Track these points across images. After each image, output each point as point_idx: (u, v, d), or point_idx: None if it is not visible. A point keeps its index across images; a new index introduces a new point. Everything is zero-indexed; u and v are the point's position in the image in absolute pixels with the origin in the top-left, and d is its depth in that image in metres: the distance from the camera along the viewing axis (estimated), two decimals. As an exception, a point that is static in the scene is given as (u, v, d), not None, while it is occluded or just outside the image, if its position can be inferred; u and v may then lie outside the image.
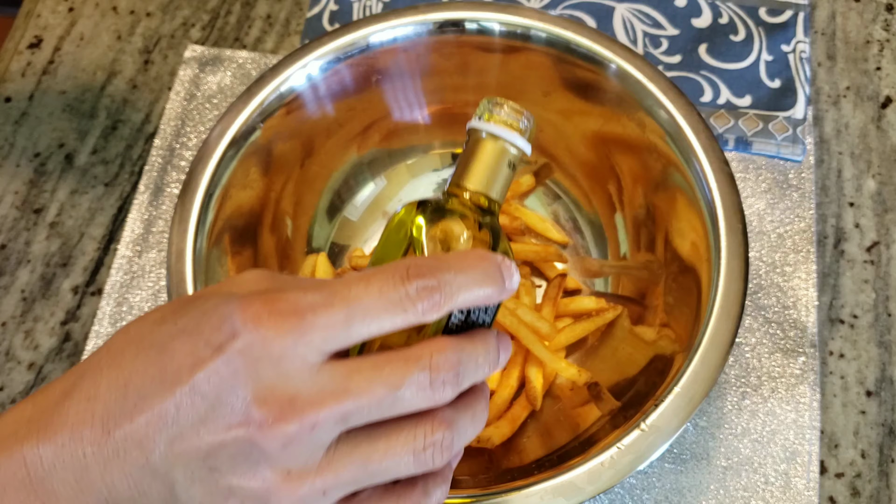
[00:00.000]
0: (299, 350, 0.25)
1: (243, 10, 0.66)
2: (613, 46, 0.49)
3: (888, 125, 0.60)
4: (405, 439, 0.26)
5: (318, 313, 0.25)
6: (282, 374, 0.25)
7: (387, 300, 0.25)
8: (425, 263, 0.26)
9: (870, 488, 0.49)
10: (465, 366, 0.27)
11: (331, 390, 0.25)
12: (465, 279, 0.26)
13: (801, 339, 0.52)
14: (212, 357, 0.25)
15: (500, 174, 0.31)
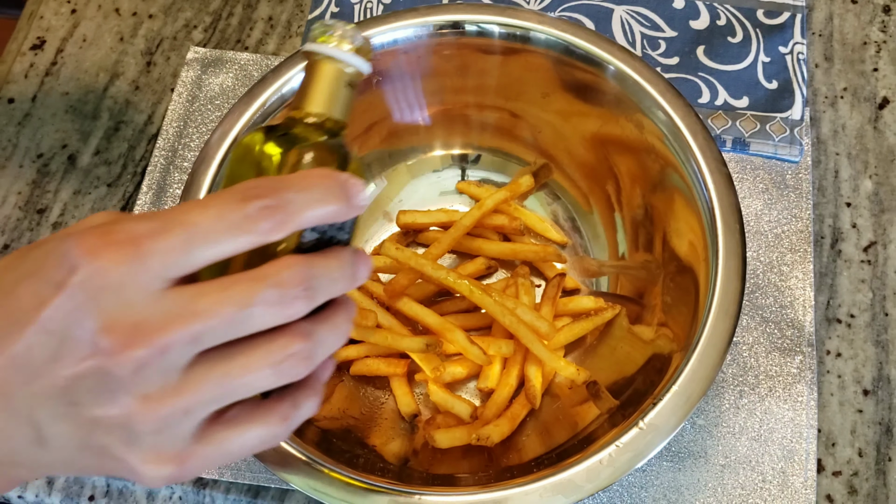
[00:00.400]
0: (140, 277, 0.25)
1: (245, 12, 0.67)
2: (612, 48, 0.49)
3: (885, 126, 0.60)
4: (262, 353, 0.26)
5: (155, 240, 0.25)
6: (125, 303, 0.25)
7: (227, 222, 0.25)
8: (264, 184, 0.26)
9: (867, 486, 0.50)
10: (317, 280, 0.27)
11: (177, 313, 0.25)
12: (307, 197, 0.26)
13: (798, 339, 0.53)
14: (54, 294, 0.25)
15: (339, 94, 0.31)
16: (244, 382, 0.26)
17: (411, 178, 0.59)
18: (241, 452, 0.28)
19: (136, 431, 0.26)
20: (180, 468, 0.27)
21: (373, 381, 0.52)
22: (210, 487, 0.51)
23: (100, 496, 0.51)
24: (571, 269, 0.55)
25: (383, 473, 0.43)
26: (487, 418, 0.48)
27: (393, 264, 0.52)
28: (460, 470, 0.47)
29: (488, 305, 0.47)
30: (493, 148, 0.58)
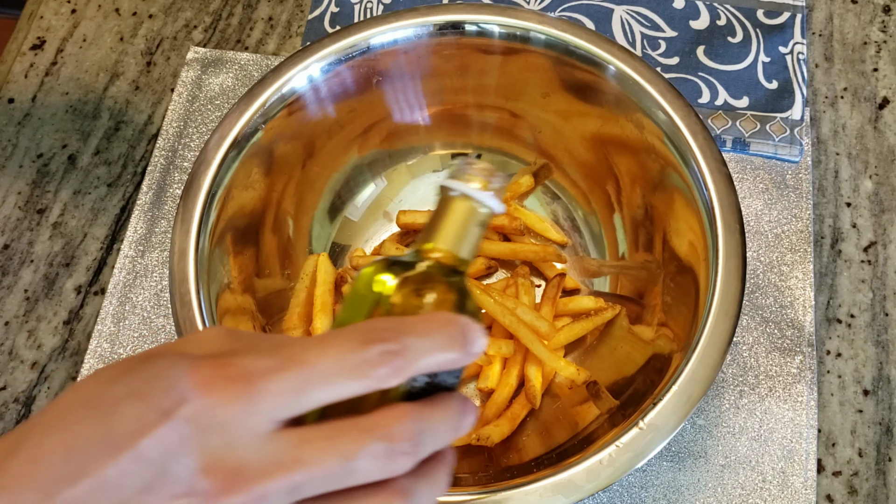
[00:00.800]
0: (249, 419, 0.24)
1: (245, 12, 0.67)
2: (612, 48, 0.49)
3: (885, 126, 0.60)
4: None
5: (269, 379, 0.24)
6: (230, 443, 0.24)
7: (345, 365, 0.24)
8: (386, 327, 0.25)
9: (867, 486, 0.50)
10: (424, 434, 0.26)
11: (280, 460, 0.24)
12: (428, 344, 0.26)
13: (798, 339, 0.53)
14: (158, 422, 0.24)
15: (469, 233, 0.31)
16: None
17: (412, 178, 0.59)
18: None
19: None
20: None
21: (373, 381, 0.52)
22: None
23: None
24: (571, 269, 0.55)
25: (383, 473, 0.43)
26: (487, 418, 0.48)
27: (393, 264, 0.52)
28: (460, 470, 0.47)
29: (488, 305, 0.47)
30: (493, 148, 0.58)
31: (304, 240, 0.55)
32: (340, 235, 0.57)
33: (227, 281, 0.48)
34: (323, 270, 0.52)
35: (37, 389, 0.54)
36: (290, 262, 0.53)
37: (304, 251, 0.54)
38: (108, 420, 0.25)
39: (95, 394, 0.26)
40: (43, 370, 0.54)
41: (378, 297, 0.29)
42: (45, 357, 0.55)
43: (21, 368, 0.54)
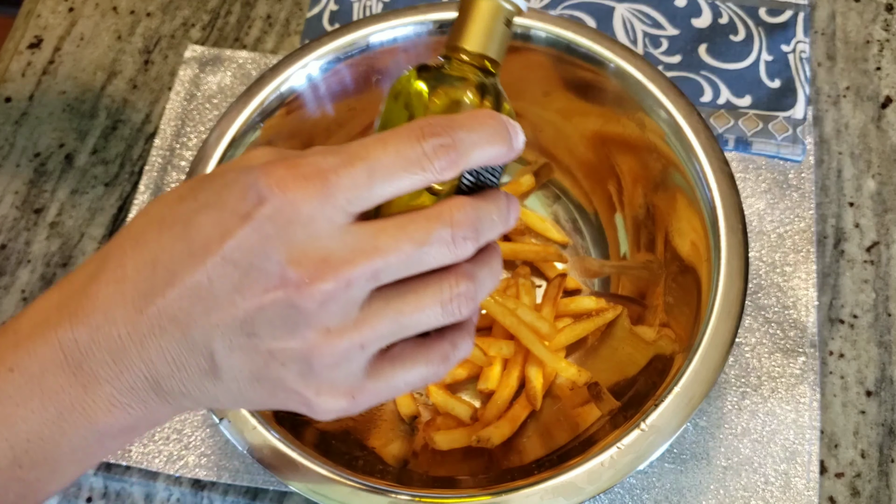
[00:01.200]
0: (327, 211, 0.25)
1: (243, 10, 0.66)
2: (613, 46, 0.49)
3: (888, 125, 0.60)
4: (433, 292, 0.27)
5: (340, 174, 0.25)
6: (312, 236, 0.25)
7: (405, 159, 0.25)
8: (439, 122, 0.26)
9: (870, 488, 0.50)
10: (482, 222, 0.27)
11: (361, 248, 0.25)
12: (478, 137, 0.27)
13: (800, 339, 0.52)
14: (240, 225, 0.25)
15: (496, 32, 0.30)
16: (415, 320, 0.27)
17: (411, 178, 0.58)
18: (405, 389, 0.28)
19: (313, 365, 0.26)
20: (352, 402, 0.27)
21: (372, 382, 0.52)
22: (208, 489, 0.50)
23: (97, 497, 0.51)
24: (572, 270, 0.55)
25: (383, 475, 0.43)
26: (488, 420, 0.48)
27: (392, 264, 0.51)
28: (460, 472, 0.46)
29: (489, 306, 0.47)
30: (493, 147, 0.58)
31: (303, 239, 0.54)
32: (339, 235, 0.56)
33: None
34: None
35: (33, 390, 0.53)
36: (288, 262, 0.53)
37: (303, 251, 0.54)
38: (188, 232, 0.26)
39: (167, 213, 0.27)
40: (40, 371, 0.54)
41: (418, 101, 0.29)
42: (42, 358, 0.54)
43: (18, 369, 0.54)
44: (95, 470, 0.51)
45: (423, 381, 0.29)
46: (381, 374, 0.28)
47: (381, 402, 0.28)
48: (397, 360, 0.28)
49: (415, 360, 0.28)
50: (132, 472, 0.51)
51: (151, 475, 0.51)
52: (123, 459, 0.50)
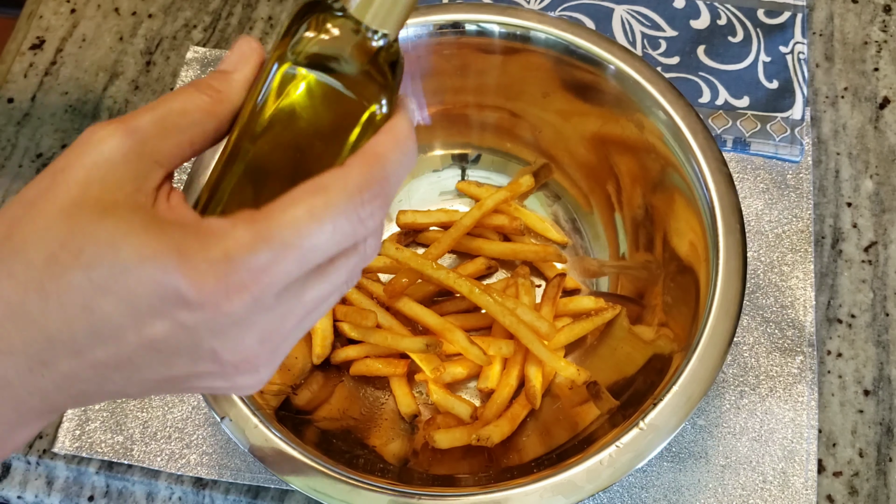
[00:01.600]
0: (259, 307, 0.24)
1: (245, 11, 0.67)
2: (612, 48, 0.49)
3: (886, 126, 0.60)
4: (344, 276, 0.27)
5: (274, 273, 0.24)
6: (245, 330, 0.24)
7: (341, 234, 0.25)
8: (372, 179, 0.25)
9: (868, 487, 0.50)
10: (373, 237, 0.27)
11: (288, 312, 0.25)
12: (403, 170, 0.26)
13: (798, 339, 0.53)
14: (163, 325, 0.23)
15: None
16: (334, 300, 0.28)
17: (411, 178, 0.59)
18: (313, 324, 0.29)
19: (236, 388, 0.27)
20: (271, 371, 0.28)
21: (373, 382, 0.52)
22: (210, 488, 0.50)
23: (99, 496, 0.51)
24: (572, 270, 0.55)
25: (383, 474, 0.43)
26: (487, 419, 0.48)
27: (393, 264, 0.52)
28: (460, 470, 0.47)
29: (488, 305, 0.47)
30: (493, 148, 0.58)
31: (304, 240, 0.55)
32: (340, 235, 0.56)
33: (227, 281, 0.47)
34: (323, 270, 0.52)
35: (36, 390, 0.54)
36: (289, 262, 0.53)
37: (304, 251, 0.54)
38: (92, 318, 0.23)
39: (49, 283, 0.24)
40: (42, 370, 0.54)
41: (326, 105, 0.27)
42: (45, 357, 0.55)
43: (20, 368, 0.54)
44: (97, 469, 0.51)
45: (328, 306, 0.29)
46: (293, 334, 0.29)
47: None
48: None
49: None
50: (134, 471, 0.51)
51: (153, 473, 0.51)
52: (125, 458, 0.50)
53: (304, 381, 0.49)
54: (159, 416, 0.52)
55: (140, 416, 0.52)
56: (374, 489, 0.39)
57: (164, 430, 0.51)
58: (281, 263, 0.24)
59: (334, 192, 0.24)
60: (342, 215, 0.24)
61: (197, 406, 0.52)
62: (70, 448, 0.51)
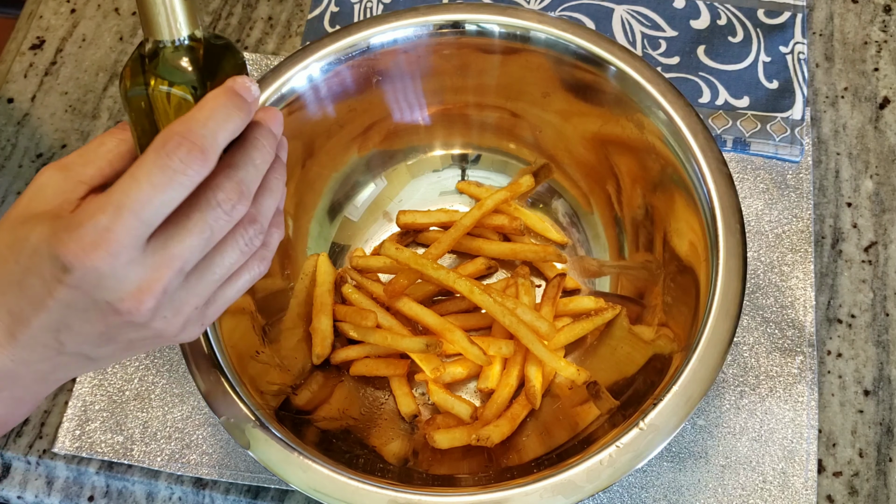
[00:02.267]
0: (119, 260, 0.29)
1: (244, 11, 0.67)
2: (612, 48, 0.49)
3: (886, 126, 0.60)
4: (231, 249, 0.33)
5: (116, 230, 0.29)
6: (120, 279, 0.30)
7: (161, 184, 0.29)
8: (175, 131, 0.30)
9: (867, 487, 0.50)
10: (246, 180, 0.32)
11: (160, 264, 0.30)
12: (215, 124, 0.30)
13: (798, 339, 0.53)
14: (61, 287, 0.30)
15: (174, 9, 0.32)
16: (227, 271, 0.33)
17: (411, 178, 0.59)
18: (240, 295, 0.35)
19: (167, 336, 0.33)
20: (205, 325, 0.35)
21: (373, 382, 0.52)
22: (210, 488, 0.50)
23: (99, 496, 0.51)
24: (572, 270, 0.55)
25: (383, 474, 0.43)
26: (487, 419, 0.48)
27: (393, 264, 0.52)
28: (460, 470, 0.47)
29: (488, 305, 0.47)
30: (493, 148, 0.58)
31: (304, 239, 0.55)
32: (340, 235, 0.57)
33: (227, 281, 0.47)
34: (322, 270, 0.52)
35: (36, 389, 0.54)
36: (289, 262, 0.53)
37: (304, 251, 0.54)
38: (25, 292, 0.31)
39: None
40: (42, 370, 0.54)
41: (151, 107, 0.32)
42: (45, 357, 0.55)
43: (20, 368, 0.54)
44: (97, 469, 0.51)
45: (252, 282, 0.35)
46: (216, 301, 0.34)
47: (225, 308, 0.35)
48: (226, 285, 0.34)
49: (240, 277, 0.35)
50: (134, 471, 0.51)
51: (153, 474, 0.51)
52: (125, 458, 0.50)
53: (304, 381, 0.49)
54: (159, 416, 0.52)
55: (140, 416, 0.52)
56: (374, 489, 0.39)
57: (164, 430, 0.51)
58: (119, 220, 0.29)
59: (145, 155, 0.30)
60: (153, 167, 0.29)
61: (197, 406, 0.52)
62: (70, 448, 0.51)
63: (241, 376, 0.43)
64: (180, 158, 0.29)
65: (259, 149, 0.33)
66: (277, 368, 0.48)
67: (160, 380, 0.53)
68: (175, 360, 0.54)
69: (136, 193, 0.29)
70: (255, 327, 0.48)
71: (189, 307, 0.33)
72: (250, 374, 0.45)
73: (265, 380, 0.46)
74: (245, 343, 0.46)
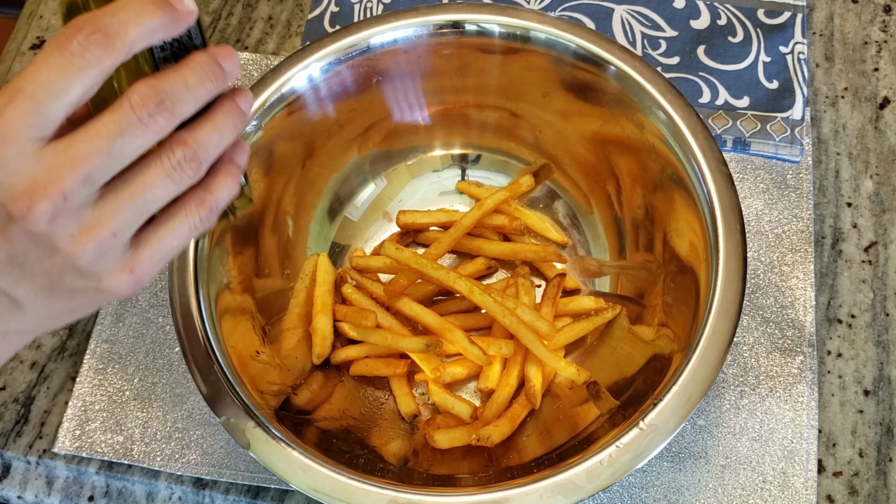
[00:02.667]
0: (12, 150, 0.27)
1: (245, 11, 0.67)
2: (612, 48, 0.49)
3: (886, 126, 0.60)
4: (155, 169, 0.29)
5: (7, 115, 0.27)
6: (12, 173, 0.28)
7: (58, 67, 0.27)
8: (81, 19, 0.28)
9: (867, 487, 0.50)
10: (170, 91, 0.29)
11: (60, 164, 0.28)
12: (126, 15, 0.28)
13: (798, 339, 0.53)
14: None
15: None
16: (151, 196, 0.30)
17: (411, 178, 0.59)
18: (178, 244, 0.32)
19: (80, 265, 0.30)
20: (135, 275, 0.31)
21: (373, 382, 0.52)
22: (210, 488, 0.51)
23: (99, 496, 0.51)
24: (572, 270, 0.55)
25: (383, 474, 0.43)
26: (487, 419, 0.48)
27: (393, 264, 0.52)
28: (460, 470, 0.47)
29: (488, 305, 0.47)
30: (493, 148, 0.58)
31: (304, 239, 0.55)
32: (340, 235, 0.57)
33: (227, 281, 0.47)
34: (322, 270, 0.52)
35: (36, 390, 0.54)
36: (289, 262, 0.53)
37: (304, 251, 0.54)
38: None
39: None
40: (42, 370, 0.54)
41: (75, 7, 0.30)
42: (45, 357, 0.55)
43: (20, 368, 0.54)
44: (97, 469, 0.51)
45: (193, 231, 0.32)
46: (148, 241, 0.31)
47: (162, 263, 0.32)
48: (158, 225, 0.31)
49: (174, 217, 0.31)
50: (134, 471, 0.51)
51: (153, 474, 0.51)
52: (125, 458, 0.50)
53: (304, 381, 0.49)
54: (159, 416, 0.52)
55: (140, 416, 0.52)
56: (374, 489, 0.39)
57: (164, 430, 0.51)
58: (11, 103, 0.27)
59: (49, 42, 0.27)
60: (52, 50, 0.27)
61: (197, 406, 0.52)
62: (70, 448, 0.51)
63: (241, 376, 0.43)
64: (79, 41, 0.27)
65: (194, 69, 0.30)
66: (277, 368, 0.48)
67: (160, 380, 0.53)
68: (175, 359, 0.54)
69: (32, 76, 0.27)
70: (255, 327, 0.48)
71: (103, 230, 0.29)
72: (250, 374, 0.45)
73: (265, 380, 0.46)
74: (245, 343, 0.46)
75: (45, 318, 0.33)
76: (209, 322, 0.44)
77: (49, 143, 0.28)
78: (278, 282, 0.52)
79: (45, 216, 0.28)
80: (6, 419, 0.53)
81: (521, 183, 0.55)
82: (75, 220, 0.29)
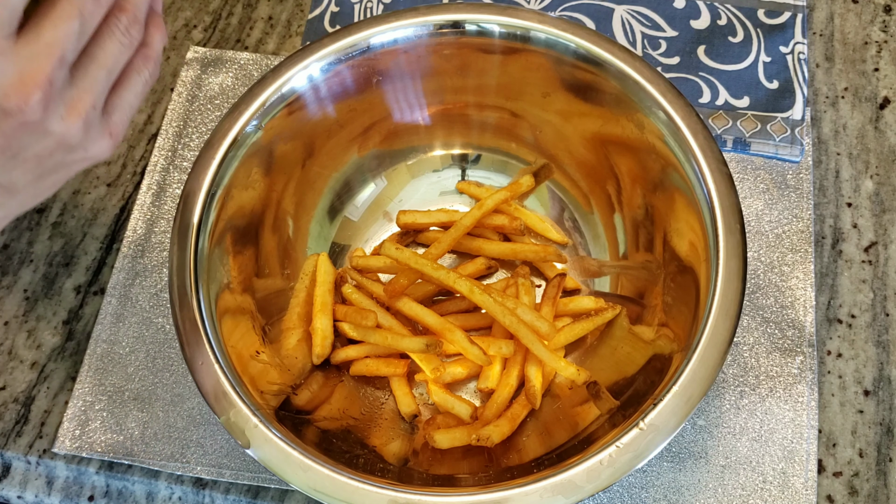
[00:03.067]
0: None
1: (245, 11, 0.67)
2: (612, 48, 0.49)
3: (886, 126, 0.60)
4: (109, 38, 0.33)
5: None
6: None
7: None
8: None
9: (868, 487, 0.50)
10: None
11: (38, 53, 0.30)
12: None
13: (798, 339, 0.53)
14: None
15: None
16: (113, 64, 0.34)
17: (412, 178, 0.59)
18: (138, 101, 0.37)
19: (72, 143, 0.33)
20: (114, 137, 0.36)
21: (373, 382, 0.52)
22: (210, 488, 0.51)
23: (99, 496, 0.51)
24: (572, 270, 0.55)
25: (383, 474, 0.43)
26: (487, 419, 0.48)
27: (393, 264, 0.52)
28: (460, 470, 0.47)
29: (488, 305, 0.47)
30: (493, 148, 0.58)
31: (304, 239, 0.55)
32: (340, 235, 0.57)
33: (227, 281, 0.47)
34: (322, 270, 0.52)
35: (36, 389, 0.54)
36: (289, 261, 0.53)
37: (304, 251, 0.54)
38: None
39: None
40: (42, 370, 0.54)
41: None
42: (45, 357, 0.55)
43: (21, 368, 0.54)
44: (97, 468, 0.51)
45: (146, 86, 0.37)
46: (116, 105, 0.35)
47: (129, 120, 0.37)
48: (119, 88, 0.35)
49: (129, 78, 0.36)
50: (134, 471, 0.51)
51: (153, 474, 0.51)
52: (125, 458, 0.50)
53: (304, 381, 0.49)
54: (159, 416, 0.52)
55: (140, 416, 0.52)
56: (374, 489, 0.39)
57: (164, 430, 0.51)
58: None
59: None
60: None
61: (197, 406, 0.52)
62: (70, 448, 0.51)
63: (241, 376, 0.43)
64: None
65: None
66: (277, 368, 0.48)
67: (160, 380, 0.53)
68: (175, 359, 0.54)
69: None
70: (255, 327, 0.48)
71: (84, 104, 0.33)
72: (250, 374, 0.45)
73: (265, 380, 0.46)
74: (245, 343, 0.46)
75: (30, 197, 0.36)
76: (209, 322, 0.44)
77: (18, 39, 0.30)
78: (278, 282, 0.52)
79: (39, 105, 0.30)
80: (6, 419, 0.53)
81: (521, 183, 0.55)
82: (61, 102, 0.32)
